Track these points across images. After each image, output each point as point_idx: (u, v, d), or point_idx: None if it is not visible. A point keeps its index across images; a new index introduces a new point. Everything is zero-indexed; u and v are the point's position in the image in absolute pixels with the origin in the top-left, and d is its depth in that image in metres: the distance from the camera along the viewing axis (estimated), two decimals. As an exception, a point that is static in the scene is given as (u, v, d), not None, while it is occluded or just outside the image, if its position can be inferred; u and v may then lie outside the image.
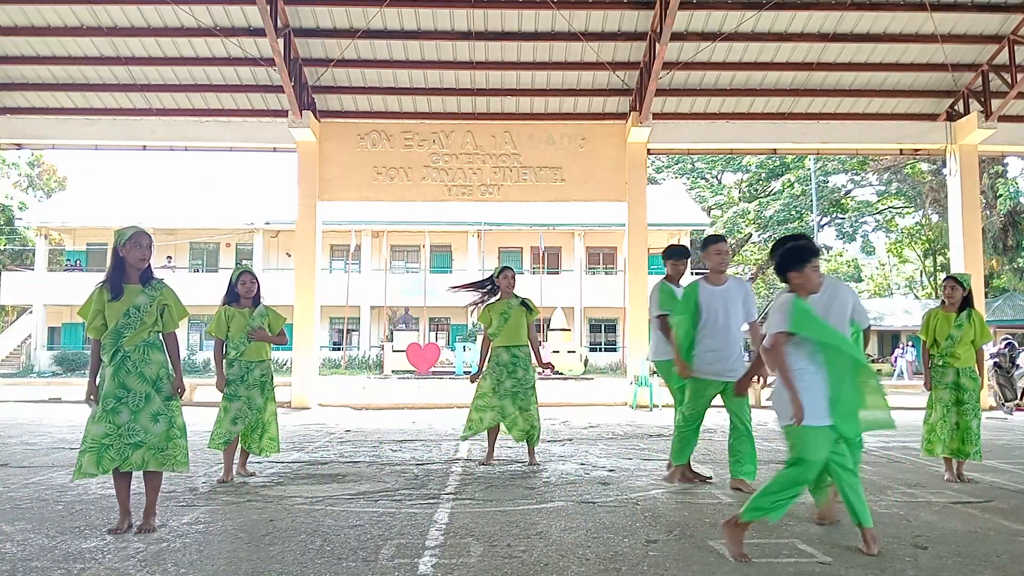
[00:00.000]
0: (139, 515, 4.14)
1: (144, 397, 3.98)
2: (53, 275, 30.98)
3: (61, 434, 8.43)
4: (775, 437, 8.37)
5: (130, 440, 3.93)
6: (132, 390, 3.97)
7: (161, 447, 3.99)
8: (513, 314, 6.16)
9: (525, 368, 6.16)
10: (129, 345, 4.00)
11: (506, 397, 6.12)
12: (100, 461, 3.90)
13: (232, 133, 13.72)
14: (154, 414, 4.00)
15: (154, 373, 4.04)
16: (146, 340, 4.06)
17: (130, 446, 3.93)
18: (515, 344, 6.16)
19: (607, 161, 13.58)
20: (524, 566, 3.42)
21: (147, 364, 4.03)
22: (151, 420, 3.98)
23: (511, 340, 6.15)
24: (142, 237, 4.12)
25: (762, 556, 3.57)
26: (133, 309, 4.03)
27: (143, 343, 4.04)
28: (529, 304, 6.28)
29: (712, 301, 5.21)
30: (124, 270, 4.08)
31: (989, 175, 30.91)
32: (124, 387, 3.96)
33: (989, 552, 3.66)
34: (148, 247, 4.13)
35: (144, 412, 3.97)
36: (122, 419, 3.93)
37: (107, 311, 4.03)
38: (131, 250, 4.07)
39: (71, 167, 61.25)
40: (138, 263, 4.09)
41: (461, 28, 12.25)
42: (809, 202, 35.74)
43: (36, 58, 12.77)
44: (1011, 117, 13.37)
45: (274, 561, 3.49)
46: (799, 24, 12.20)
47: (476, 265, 30.57)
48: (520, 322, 6.17)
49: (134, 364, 4.00)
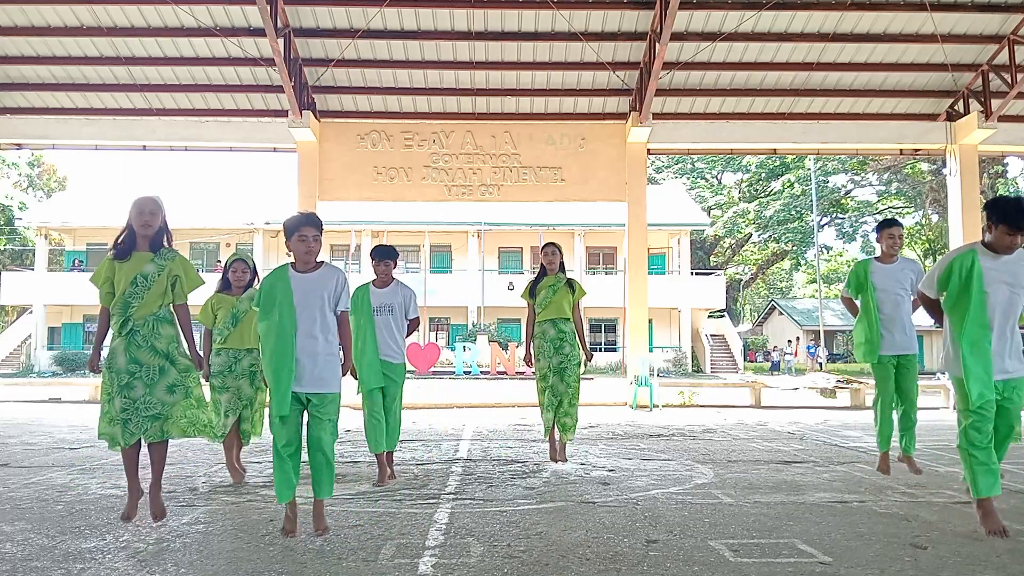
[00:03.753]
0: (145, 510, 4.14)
1: (158, 370, 3.97)
2: (53, 275, 30.98)
3: (61, 434, 8.42)
4: (775, 437, 8.38)
5: (147, 413, 3.93)
6: (144, 364, 3.96)
7: (181, 416, 3.99)
8: (560, 289, 6.18)
9: (572, 344, 6.15)
10: (138, 318, 3.97)
11: (556, 373, 6.14)
12: (123, 433, 3.94)
13: (232, 133, 13.72)
14: (170, 386, 3.99)
15: (164, 347, 4.02)
16: (155, 314, 4.02)
17: (148, 418, 3.93)
18: (561, 317, 6.16)
19: (607, 161, 13.59)
20: (524, 566, 3.42)
21: (157, 339, 4.00)
22: (167, 392, 3.97)
23: (557, 313, 6.15)
24: (144, 202, 4.07)
25: (762, 556, 3.57)
26: (140, 277, 3.99)
27: (152, 317, 4.01)
28: (574, 284, 6.28)
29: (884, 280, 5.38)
30: (134, 238, 4.06)
31: (989, 175, 30.93)
32: (136, 361, 3.95)
33: (989, 552, 3.66)
34: (151, 212, 4.06)
35: (159, 384, 3.96)
36: (137, 393, 3.93)
37: (116, 277, 4.00)
38: (135, 216, 4.04)
39: (71, 167, 61.28)
40: (142, 229, 4.04)
41: (461, 28, 12.25)
42: (809, 202, 35.74)
43: (36, 58, 12.78)
44: (1011, 117, 13.37)
45: (274, 561, 3.49)
46: (799, 24, 12.20)
47: (476, 265, 30.58)
48: (566, 297, 6.18)
49: (144, 338, 3.98)
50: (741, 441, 8.03)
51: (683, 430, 9.10)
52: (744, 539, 3.88)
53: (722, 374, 29.58)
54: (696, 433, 8.80)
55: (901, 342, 5.35)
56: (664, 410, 12.06)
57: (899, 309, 5.35)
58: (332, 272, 4.04)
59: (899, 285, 5.35)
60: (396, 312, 5.58)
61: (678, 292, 30.33)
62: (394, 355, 5.55)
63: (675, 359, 30.15)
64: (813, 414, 11.58)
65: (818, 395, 14.65)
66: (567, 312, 6.18)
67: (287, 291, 3.91)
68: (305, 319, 3.89)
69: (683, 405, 13.03)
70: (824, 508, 4.62)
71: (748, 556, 3.57)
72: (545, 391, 6.22)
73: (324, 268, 4.02)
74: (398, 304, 5.59)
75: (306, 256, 3.95)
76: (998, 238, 3.89)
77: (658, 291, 25.26)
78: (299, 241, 3.94)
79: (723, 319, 35.97)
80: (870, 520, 4.31)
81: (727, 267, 44.79)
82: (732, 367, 31.72)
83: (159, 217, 4.09)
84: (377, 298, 5.54)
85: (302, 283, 3.94)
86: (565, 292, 6.19)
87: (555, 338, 6.14)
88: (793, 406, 12.97)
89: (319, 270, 4.00)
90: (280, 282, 3.93)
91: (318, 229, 3.97)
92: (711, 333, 33.40)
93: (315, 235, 3.95)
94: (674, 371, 28.78)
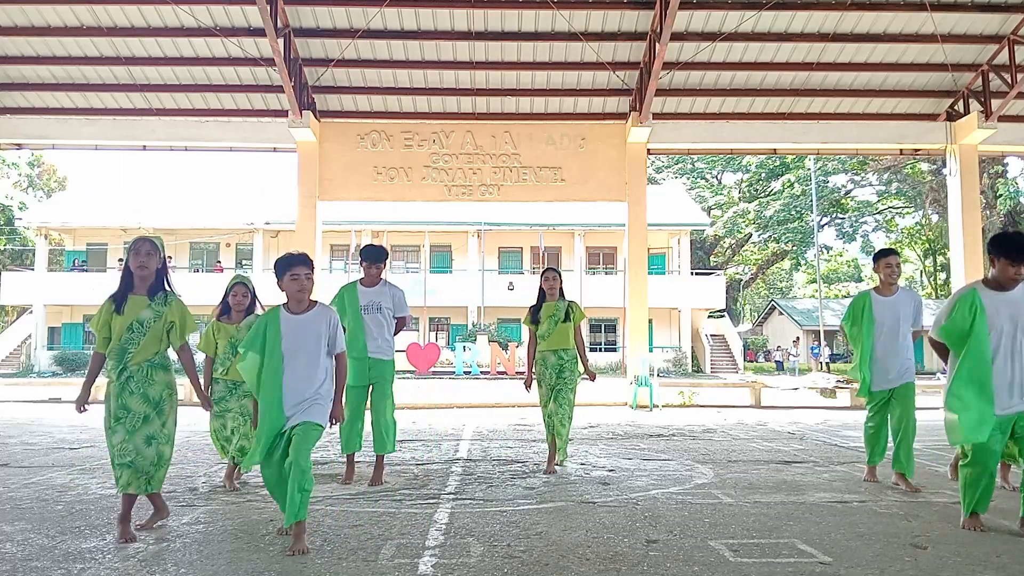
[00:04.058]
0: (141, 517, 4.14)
1: (142, 418, 3.91)
2: (53, 275, 30.96)
3: (61, 434, 8.42)
4: (775, 437, 8.38)
5: (122, 460, 3.89)
6: (132, 411, 3.90)
7: (146, 472, 3.93)
8: (562, 319, 6.18)
9: (571, 370, 6.19)
10: (134, 364, 3.93)
11: (552, 394, 6.16)
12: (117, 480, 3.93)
13: (232, 133, 13.73)
14: (148, 437, 3.93)
15: (157, 394, 3.96)
16: (150, 360, 3.97)
17: (122, 466, 3.89)
18: (563, 348, 6.17)
19: (607, 161, 13.59)
20: (524, 566, 3.42)
21: (151, 385, 3.95)
22: (144, 443, 3.92)
23: (559, 344, 6.16)
24: (141, 244, 4.00)
25: (762, 556, 3.57)
26: (136, 323, 3.94)
27: (147, 363, 3.96)
28: (573, 310, 6.26)
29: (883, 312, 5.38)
30: (131, 280, 4.00)
31: (989, 175, 30.92)
32: (125, 408, 3.90)
33: (989, 552, 3.66)
34: (147, 254, 3.98)
35: (139, 433, 3.90)
36: (117, 439, 3.89)
37: (112, 324, 3.95)
38: (131, 258, 3.99)
39: (71, 167, 61.19)
40: (138, 271, 3.98)
41: (461, 28, 12.25)
42: (809, 202, 35.74)
43: (36, 58, 12.78)
44: (1011, 117, 13.38)
45: (274, 561, 3.49)
46: (799, 24, 12.20)
47: (476, 265, 30.57)
48: (568, 327, 6.19)
49: (137, 384, 3.93)
50: (741, 441, 8.03)
51: (683, 430, 9.10)
52: (744, 539, 3.88)
53: (722, 374, 29.58)
54: (696, 433, 8.80)
55: (895, 377, 5.32)
56: (664, 410, 12.06)
57: (896, 343, 5.33)
58: (324, 313, 3.99)
59: (898, 317, 5.33)
60: (384, 310, 5.58)
61: (678, 292, 30.31)
62: (382, 352, 5.55)
63: (675, 359, 30.14)
64: (813, 414, 11.58)
65: (818, 395, 14.65)
66: (569, 342, 6.20)
67: (276, 335, 3.88)
68: (293, 364, 3.86)
69: (683, 405, 13.03)
70: (824, 508, 4.62)
71: (748, 556, 3.57)
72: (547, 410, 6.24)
73: (316, 309, 3.98)
74: (386, 302, 5.59)
75: (299, 295, 3.92)
76: (1001, 271, 3.99)
77: (658, 291, 25.24)
78: (291, 280, 3.91)
79: (723, 319, 35.96)
80: (870, 520, 4.31)
81: (727, 267, 44.77)
82: (732, 367, 31.70)
83: (155, 259, 4.01)
84: (365, 296, 5.54)
85: (293, 326, 3.91)
86: (567, 322, 6.19)
87: (555, 364, 6.16)
88: (793, 406, 12.97)
89: (311, 311, 3.97)
90: (272, 325, 3.91)
91: (310, 268, 3.95)
92: (711, 333, 33.38)
93: (307, 273, 3.93)
94: (674, 371, 28.77)
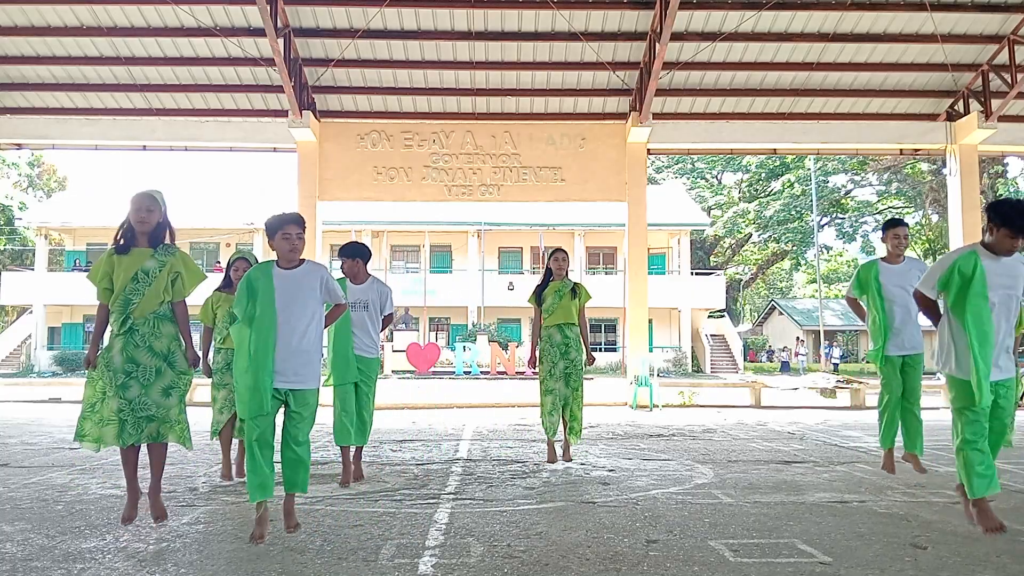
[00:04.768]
0: (144, 512, 4.14)
1: (155, 371, 3.92)
2: (53, 275, 30.96)
3: (61, 434, 8.42)
4: (775, 437, 8.38)
5: (142, 414, 3.90)
6: (142, 364, 3.91)
7: (177, 420, 3.97)
8: (567, 294, 6.28)
9: (577, 349, 6.25)
10: (138, 316, 3.92)
11: (560, 379, 6.21)
12: (121, 435, 3.90)
13: (232, 133, 13.72)
14: (166, 388, 3.95)
15: (164, 347, 3.97)
16: (156, 312, 3.97)
17: (143, 419, 3.90)
18: (567, 322, 6.25)
19: (607, 161, 13.59)
20: (524, 566, 3.42)
21: (157, 337, 3.95)
22: (163, 394, 3.93)
23: (564, 319, 6.25)
24: (140, 198, 4.02)
25: (762, 556, 3.57)
26: (141, 272, 3.94)
27: (152, 315, 3.96)
28: (579, 288, 6.34)
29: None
30: (133, 234, 4.03)
31: (989, 175, 30.92)
32: (134, 361, 3.90)
33: (989, 552, 3.66)
34: (147, 209, 4.00)
35: (155, 386, 3.92)
36: (132, 394, 3.88)
37: (115, 273, 3.94)
38: (132, 212, 4.00)
39: (71, 167, 61.21)
40: (139, 224, 3.99)
41: (461, 28, 12.25)
42: (809, 202, 35.73)
43: (36, 58, 12.77)
44: (1011, 117, 13.37)
45: (274, 561, 3.49)
46: (799, 24, 12.20)
47: (476, 265, 30.57)
48: (573, 303, 6.27)
49: (143, 337, 3.92)
50: (741, 441, 8.03)
51: (683, 430, 9.10)
52: (744, 539, 3.88)
53: (722, 374, 29.57)
54: (696, 433, 8.80)
55: (908, 343, 5.36)
56: (664, 410, 12.06)
57: (907, 310, 5.35)
58: (316, 268, 4.01)
59: (906, 286, 5.34)
60: (371, 308, 5.60)
61: (678, 292, 30.32)
62: (368, 350, 5.57)
63: (675, 359, 30.14)
64: (813, 414, 11.58)
65: (818, 395, 14.66)
66: (573, 317, 6.27)
67: (269, 288, 3.86)
68: (286, 316, 3.85)
69: (683, 405, 13.03)
70: (824, 508, 4.62)
71: (748, 556, 3.57)
72: (549, 394, 6.28)
73: (307, 264, 3.99)
74: (372, 300, 5.61)
75: (290, 254, 3.92)
76: (999, 240, 3.93)
77: (658, 291, 25.25)
78: (283, 239, 3.91)
79: (723, 319, 35.95)
80: (870, 520, 4.31)
81: (727, 267, 44.76)
82: (732, 367, 31.70)
83: (156, 212, 4.04)
84: (352, 294, 5.55)
85: (285, 280, 3.90)
86: (571, 297, 6.27)
87: (561, 343, 6.22)
88: (793, 406, 12.97)
89: (302, 266, 3.97)
90: (263, 278, 3.89)
91: (301, 227, 3.94)
92: (711, 333, 33.39)
93: (298, 233, 3.92)
94: (674, 371, 28.77)
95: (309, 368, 3.89)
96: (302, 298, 3.91)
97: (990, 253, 3.98)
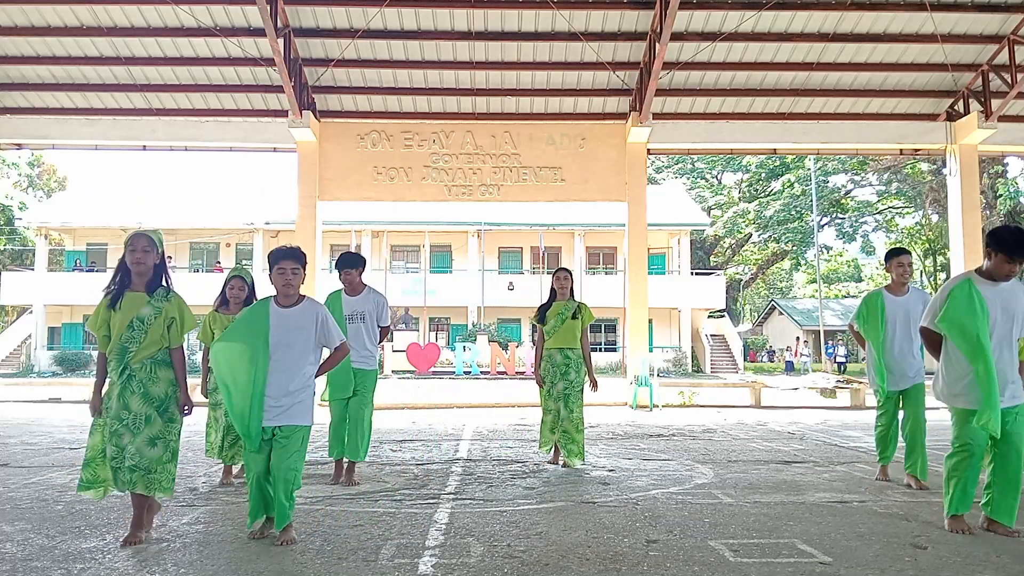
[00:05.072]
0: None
1: (145, 419, 3.82)
2: (53, 275, 30.95)
3: (61, 434, 8.42)
4: (775, 437, 8.38)
5: (129, 463, 3.81)
6: (133, 411, 3.81)
7: (151, 469, 3.82)
8: (569, 318, 6.25)
9: (577, 370, 6.24)
10: (135, 362, 3.84)
11: (560, 400, 6.20)
12: (116, 481, 3.87)
13: (232, 133, 13.73)
14: (152, 438, 3.84)
15: (161, 392, 3.87)
16: (153, 357, 3.88)
17: (127, 469, 3.81)
18: (568, 347, 6.24)
19: (607, 161, 13.59)
20: (524, 566, 3.42)
21: (154, 383, 3.87)
22: (148, 444, 3.82)
23: (565, 343, 6.24)
24: (137, 239, 3.90)
25: (762, 556, 3.57)
26: (137, 320, 3.84)
27: (150, 361, 3.87)
28: (582, 310, 6.30)
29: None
30: (129, 277, 3.92)
31: (989, 175, 30.89)
32: (127, 408, 3.81)
33: (989, 552, 3.66)
34: (144, 250, 3.86)
35: (142, 435, 3.82)
36: (123, 442, 3.80)
37: (111, 322, 3.86)
38: (127, 254, 3.90)
39: (71, 167, 61.26)
40: (135, 267, 3.89)
41: (461, 28, 12.25)
42: (809, 202, 35.72)
43: (36, 58, 12.78)
44: (1011, 117, 13.38)
45: (274, 561, 3.49)
46: (799, 24, 12.20)
47: (476, 265, 30.56)
48: (576, 325, 6.25)
49: (139, 383, 3.84)
50: (741, 441, 8.03)
51: (683, 430, 9.10)
52: (744, 539, 3.88)
53: (722, 374, 29.57)
54: (696, 433, 8.79)
55: (910, 376, 5.38)
56: (664, 410, 12.06)
57: (908, 342, 5.37)
58: (312, 308, 3.99)
59: (910, 318, 5.34)
60: (368, 319, 5.58)
61: (678, 292, 30.30)
62: (365, 362, 5.56)
63: (675, 359, 30.13)
64: (813, 414, 11.58)
65: (818, 395, 14.65)
66: (575, 341, 6.26)
67: (264, 327, 3.86)
68: (278, 357, 3.86)
69: (683, 405, 13.02)
70: (824, 508, 4.62)
71: (748, 556, 3.57)
72: (548, 413, 6.28)
73: (305, 304, 3.98)
74: (369, 311, 5.59)
75: (285, 289, 3.93)
76: (997, 265, 4.01)
77: (658, 291, 25.24)
78: (278, 274, 3.92)
79: (723, 319, 35.93)
80: (870, 520, 4.32)
81: (727, 267, 44.75)
82: (732, 367, 31.69)
83: (152, 255, 3.90)
84: (349, 305, 5.53)
85: (281, 319, 3.91)
86: (574, 320, 6.25)
87: (561, 363, 6.21)
88: (793, 406, 12.96)
89: (299, 306, 3.97)
90: (260, 316, 3.90)
91: (298, 262, 3.94)
92: (711, 333, 33.37)
93: (294, 268, 3.92)
94: (674, 371, 28.76)
95: (301, 408, 3.90)
96: (296, 340, 3.91)
97: (987, 280, 4.06)
